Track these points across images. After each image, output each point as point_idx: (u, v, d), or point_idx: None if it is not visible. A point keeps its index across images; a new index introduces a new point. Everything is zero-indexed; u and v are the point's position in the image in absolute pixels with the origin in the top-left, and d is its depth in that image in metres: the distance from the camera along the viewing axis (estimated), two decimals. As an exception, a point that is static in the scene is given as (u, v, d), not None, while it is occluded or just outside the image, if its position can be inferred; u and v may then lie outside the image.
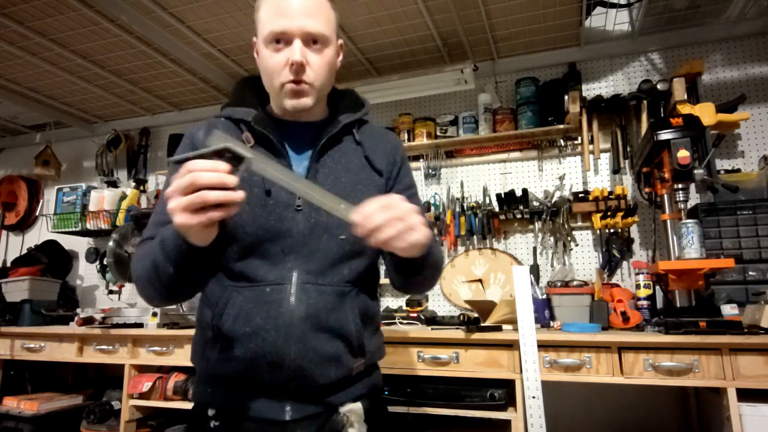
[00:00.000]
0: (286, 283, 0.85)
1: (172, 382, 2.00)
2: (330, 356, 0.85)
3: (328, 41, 0.89)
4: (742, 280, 1.68)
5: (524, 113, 2.31)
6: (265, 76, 0.91)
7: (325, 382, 0.84)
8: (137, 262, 0.85)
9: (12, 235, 3.43)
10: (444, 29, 2.21)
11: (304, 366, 0.82)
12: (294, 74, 0.86)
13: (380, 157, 0.98)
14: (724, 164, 2.09)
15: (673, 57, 2.24)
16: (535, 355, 1.52)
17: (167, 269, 0.76)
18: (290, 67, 0.85)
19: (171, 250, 0.75)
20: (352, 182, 0.93)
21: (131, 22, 2.02)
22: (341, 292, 0.87)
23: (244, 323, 0.83)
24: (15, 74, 2.58)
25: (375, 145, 0.99)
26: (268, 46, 0.87)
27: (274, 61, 0.87)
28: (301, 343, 0.82)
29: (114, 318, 2.20)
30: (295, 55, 0.85)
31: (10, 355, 2.35)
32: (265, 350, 0.82)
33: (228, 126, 0.94)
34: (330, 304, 0.85)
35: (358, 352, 0.89)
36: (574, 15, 2.12)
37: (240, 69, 2.53)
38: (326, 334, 0.85)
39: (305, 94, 0.88)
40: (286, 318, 0.82)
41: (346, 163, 0.95)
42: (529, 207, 2.24)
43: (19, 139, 3.52)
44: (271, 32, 0.86)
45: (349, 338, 0.87)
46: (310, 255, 0.86)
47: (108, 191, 2.91)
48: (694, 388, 1.84)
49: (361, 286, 0.92)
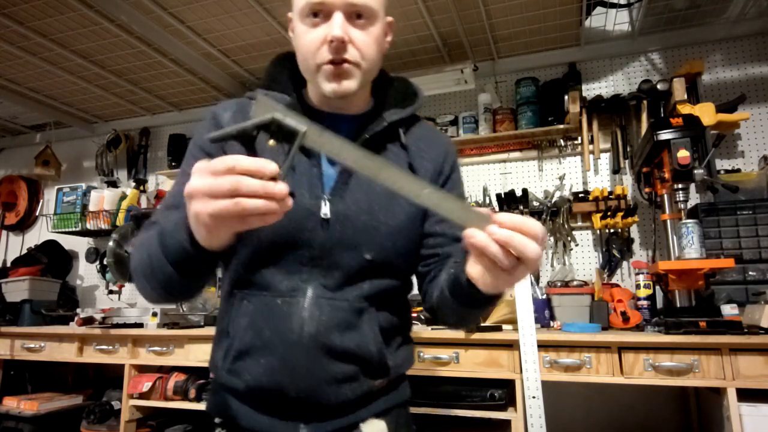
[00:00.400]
0: (299, 296, 0.76)
1: (172, 382, 1.99)
2: (344, 377, 0.76)
3: (375, 16, 0.76)
4: (742, 280, 1.68)
5: (524, 113, 2.31)
6: (300, 56, 0.79)
7: (341, 401, 0.76)
8: (135, 251, 0.75)
9: (12, 235, 3.43)
10: (444, 29, 2.21)
11: (315, 386, 0.75)
12: (333, 52, 0.73)
13: (426, 166, 0.85)
14: (724, 164, 2.09)
15: (673, 57, 2.24)
16: (535, 355, 1.52)
17: (164, 268, 0.66)
18: (329, 44, 0.72)
19: (171, 246, 0.65)
20: (387, 194, 0.79)
21: (131, 22, 2.02)
22: (359, 309, 0.78)
23: (254, 336, 0.76)
24: (15, 74, 2.58)
25: (422, 150, 0.86)
26: (304, 20, 0.75)
27: (310, 37, 0.74)
28: (310, 363, 0.74)
29: (114, 318, 2.20)
30: (334, 30, 0.72)
31: (10, 355, 2.35)
32: (274, 367, 0.75)
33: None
34: (345, 322, 0.76)
35: (380, 373, 0.80)
36: (574, 15, 2.12)
37: (240, 69, 2.53)
38: (339, 355, 0.76)
39: (347, 76, 0.75)
40: (296, 334, 0.74)
41: None
42: (529, 207, 2.24)
43: (19, 139, 3.52)
44: (307, 3, 0.74)
45: (368, 359, 0.78)
46: (329, 269, 0.77)
47: (108, 191, 2.91)
48: (694, 388, 1.84)
49: (384, 301, 0.81)
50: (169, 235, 0.65)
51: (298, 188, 0.76)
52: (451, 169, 0.89)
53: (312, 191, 0.78)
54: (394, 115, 0.83)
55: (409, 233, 0.82)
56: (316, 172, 0.79)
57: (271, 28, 2.15)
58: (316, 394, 0.75)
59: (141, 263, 0.72)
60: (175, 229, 0.64)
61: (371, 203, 0.78)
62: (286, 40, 2.23)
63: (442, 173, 0.88)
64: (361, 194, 0.79)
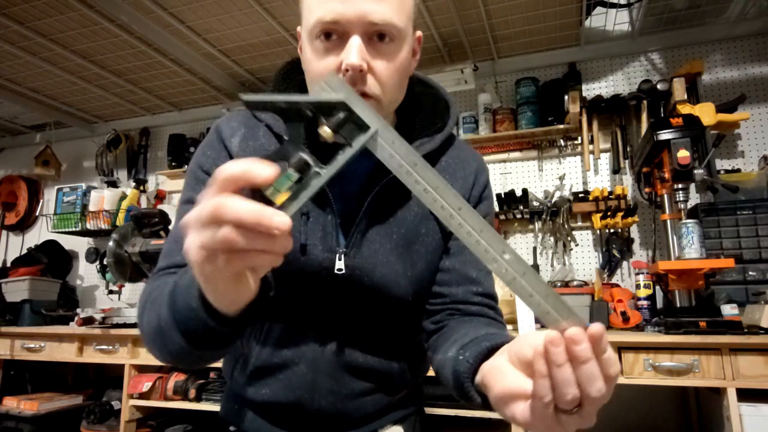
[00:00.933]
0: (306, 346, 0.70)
1: (172, 382, 1.99)
2: (365, 392, 0.72)
3: (401, 36, 0.63)
4: (742, 280, 1.68)
5: (524, 113, 2.31)
6: (310, 81, 0.67)
7: (361, 415, 0.73)
8: (146, 310, 0.60)
9: (12, 235, 3.43)
10: (444, 29, 2.21)
11: (336, 402, 0.71)
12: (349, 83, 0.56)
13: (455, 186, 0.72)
14: (724, 164, 2.09)
15: (673, 57, 2.24)
16: (535, 355, 1.52)
17: (173, 337, 0.52)
18: (344, 73, 0.59)
19: (182, 311, 0.50)
20: (405, 240, 0.71)
21: (131, 22, 2.02)
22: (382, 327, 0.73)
23: (271, 354, 0.71)
24: (15, 74, 2.58)
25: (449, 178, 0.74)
26: (314, 42, 0.62)
27: (322, 65, 0.62)
28: (332, 380, 0.70)
29: (114, 318, 2.20)
30: (350, 57, 0.59)
31: (10, 355, 2.35)
32: (294, 384, 0.70)
33: (268, 138, 0.72)
34: (368, 339, 0.72)
35: (401, 387, 0.77)
36: (574, 15, 2.12)
37: (240, 69, 2.53)
38: (362, 372, 0.71)
39: None
40: (317, 352, 0.70)
41: (402, 214, 0.71)
42: (529, 207, 2.24)
43: (19, 139, 3.52)
44: (318, 21, 0.60)
45: (390, 375, 0.74)
46: (340, 320, 0.71)
47: (108, 191, 2.91)
48: (694, 388, 1.84)
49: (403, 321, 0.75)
50: (180, 294, 0.51)
51: (311, 238, 0.67)
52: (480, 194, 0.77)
53: (326, 242, 0.68)
54: (423, 148, 0.72)
55: (428, 283, 0.74)
56: (330, 220, 0.69)
57: (271, 28, 2.15)
58: (337, 410, 0.71)
59: (150, 328, 0.57)
60: (187, 286, 0.50)
61: (388, 253, 0.69)
62: (286, 40, 2.23)
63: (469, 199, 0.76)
64: (379, 244, 0.69)
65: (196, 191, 0.69)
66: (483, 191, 0.78)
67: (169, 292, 0.53)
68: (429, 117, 0.75)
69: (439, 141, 0.74)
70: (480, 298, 0.73)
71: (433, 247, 0.73)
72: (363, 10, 0.59)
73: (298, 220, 0.67)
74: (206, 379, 1.99)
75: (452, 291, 0.73)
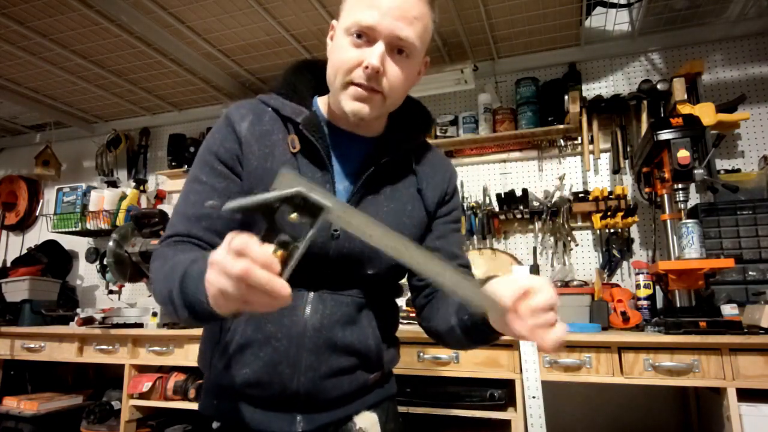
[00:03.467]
0: (303, 289, 0.78)
1: (172, 382, 1.99)
2: (344, 370, 0.79)
3: (415, 54, 0.77)
4: (742, 280, 1.68)
5: (524, 113, 2.31)
6: (332, 67, 0.79)
7: (338, 394, 0.79)
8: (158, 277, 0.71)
9: (12, 235, 3.43)
10: (444, 29, 2.21)
11: (316, 379, 0.76)
12: (366, 79, 0.74)
13: (432, 190, 0.89)
14: (724, 164, 2.09)
15: (673, 57, 2.24)
16: (535, 355, 1.52)
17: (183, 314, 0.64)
18: (364, 69, 0.73)
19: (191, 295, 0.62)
20: (395, 213, 0.84)
21: (131, 22, 2.02)
22: (360, 304, 0.81)
23: (255, 330, 0.77)
24: (15, 74, 2.58)
25: (429, 175, 0.90)
26: (347, 36, 0.75)
27: (347, 55, 0.75)
28: (313, 356, 0.76)
29: (114, 318, 2.20)
30: (372, 59, 0.72)
31: (10, 355, 2.35)
32: (276, 360, 0.76)
33: (274, 120, 0.83)
34: (347, 316, 0.79)
35: (376, 366, 0.84)
36: (574, 15, 2.12)
37: (240, 69, 2.53)
38: (341, 349, 0.78)
39: (371, 103, 0.76)
40: (300, 328, 0.76)
41: (391, 192, 0.85)
42: (529, 207, 2.24)
43: (19, 139, 3.52)
44: (355, 23, 0.73)
45: (367, 354, 0.81)
46: (332, 280, 0.80)
47: (108, 191, 2.91)
48: (694, 388, 1.84)
49: (381, 296, 0.86)
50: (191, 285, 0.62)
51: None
52: (452, 192, 0.94)
53: None
54: (406, 144, 0.86)
55: None
56: (329, 188, 0.80)
57: (271, 28, 2.15)
58: (316, 387, 0.76)
59: (161, 296, 0.69)
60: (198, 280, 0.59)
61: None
62: (286, 40, 2.23)
63: (444, 197, 0.92)
64: (371, 213, 0.80)
65: (203, 172, 0.80)
66: (454, 192, 0.95)
67: (180, 278, 0.64)
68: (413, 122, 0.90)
69: (423, 137, 0.92)
70: (462, 269, 0.87)
71: (418, 222, 0.87)
72: (395, 26, 0.73)
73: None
74: (206, 379, 1.99)
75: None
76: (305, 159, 0.80)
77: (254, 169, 0.79)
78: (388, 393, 0.90)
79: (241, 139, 0.80)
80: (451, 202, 0.93)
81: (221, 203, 0.75)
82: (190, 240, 0.77)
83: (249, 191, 0.78)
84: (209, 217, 0.77)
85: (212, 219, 0.77)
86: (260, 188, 0.78)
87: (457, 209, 0.96)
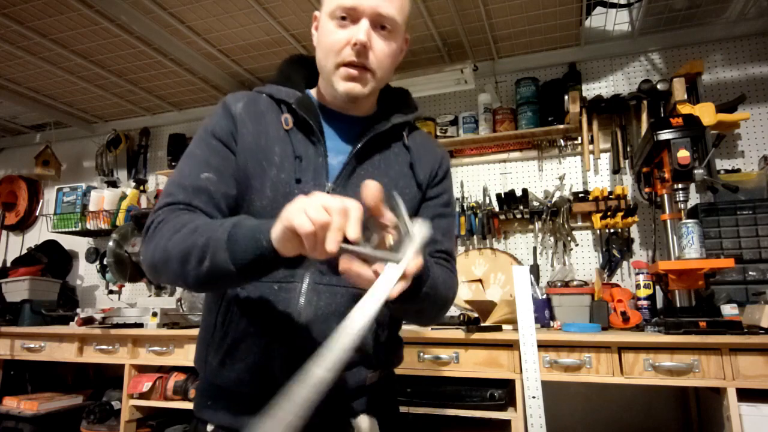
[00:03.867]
0: (297, 281, 0.77)
1: (172, 382, 1.99)
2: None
3: (397, 30, 0.81)
4: (742, 280, 1.68)
5: (524, 113, 2.31)
6: (320, 53, 0.83)
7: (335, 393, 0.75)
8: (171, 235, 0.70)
9: (12, 235, 3.43)
10: (444, 29, 2.21)
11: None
12: (356, 55, 0.77)
13: (423, 168, 0.90)
14: (724, 164, 2.09)
15: (673, 57, 2.24)
16: (535, 355, 1.52)
17: (227, 269, 0.64)
18: (353, 46, 0.77)
19: (244, 253, 0.63)
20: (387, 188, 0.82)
21: (131, 22, 2.02)
22: (356, 295, 0.76)
23: (249, 324, 0.76)
24: (15, 74, 2.58)
25: (422, 154, 0.91)
26: (332, 20, 0.79)
27: (335, 37, 0.78)
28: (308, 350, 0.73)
29: (114, 318, 2.20)
30: (359, 35, 0.76)
31: (10, 355, 2.35)
32: (269, 355, 0.75)
33: (269, 104, 0.87)
34: (343, 307, 0.78)
35: (374, 363, 0.82)
36: (574, 15, 2.12)
37: (240, 69, 2.53)
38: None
39: (362, 81, 0.80)
40: (294, 321, 0.75)
41: (385, 168, 0.86)
42: (529, 207, 2.24)
43: (19, 139, 3.52)
44: (339, 5, 0.78)
45: (363, 348, 0.79)
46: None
47: (108, 191, 2.91)
48: (694, 388, 1.84)
49: None
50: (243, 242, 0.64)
51: (304, 176, 0.80)
52: (444, 173, 0.94)
53: (317, 179, 0.80)
54: (398, 119, 0.88)
55: None
56: (321, 162, 0.82)
57: (271, 28, 2.15)
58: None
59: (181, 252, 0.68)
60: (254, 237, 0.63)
61: None
62: (286, 40, 2.23)
63: (436, 176, 0.92)
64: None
65: (199, 148, 0.83)
66: (445, 175, 0.94)
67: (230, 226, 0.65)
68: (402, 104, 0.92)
69: (411, 118, 0.92)
70: (439, 254, 0.87)
71: (409, 197, 0.87)
72: (377, 3, 0.77)
73: (293, 163, 0.81)
74: (206, 379, 1.99)
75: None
76: (299, 134, 0.83)
77: (248, 144, 0.82)
78: (387, 393, 0.89)
79: (236, 117, 0.84)
80: (441, 184, 0.93)
81: (217, 178, 0.78)
82: (195, 209, 0.76)
83: (243, 166, 0.81)
84: (206, 191, 0.77)
85: (209, 192, 0.77)
86: (253, 164, 0.80)
87: (447, 193, 0.94)
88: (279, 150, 0.81)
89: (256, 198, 0.79)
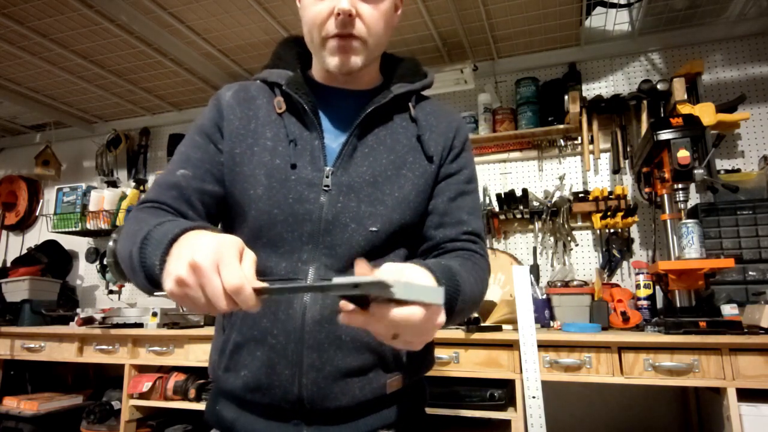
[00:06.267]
0: (300, 278, 0.70)
1: (172, 382, 1.99)
2: (353, 371, 0.69)
3: None
4: (742, 280, 1.68)
5: (524, 113, 2.31)
6: (305, 29, 0.77)
7: (349, 402, 0.69)
8: (123, 236, 0.68)
9: (12, 235, 3.43)
10: (444, 29, 2.21)
11: (320, 381, 0.68)
12: (340, 26, 0.71)
13: (435, 139, 0.81)
14: (724, 164, 2.09)
15: (673, 57, 2.24)
16: (535, 355, 1.52)
17: (139, 278, 0.61)
18: (336, 17, 0.70)
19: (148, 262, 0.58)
20: (394, 165, 0.77)
21: (131, 22, 2.02)
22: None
23: (251, 326, 0.71)
24: (15, 74, 2.58)
25: (433, 124, 0.82)
26: None
27: (316, 9, 0.72)
28: (315, 353, 0.68)
29: (114, 318, 2.20)
30: (341, 3, 0.69)
31: (10, 355, 2.35)
32: (274, 360, 0.69)
33: (261, 89, 0.82)
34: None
35: (393, 366, 0.73)
36: (574, 15, 2.12)
37: (240, 69, 2.53)
38: (347, 344, 0.69)
39: (353, 52, 0.73)
40: (297, 321, 0.69)
41: (391, 143, 0.78)
42: (529, 207, 2.24)
43: (19, 139, 3.52)
44: None
45: (379, 349, 0.71)
46: (331, 246, 0.72)
47: (108, 191, 2.91)
48: (694, 388, 1.84)
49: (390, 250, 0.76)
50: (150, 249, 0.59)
51: (299, 161, 0.75)
52: (462, 144, 0.83)
53: (314, 164, 0.75)
54: (401, 88, 0.80)
55: (416, 205, 0.78)
56: (318, 145, 0.77)
57: (270, 27, 2.15)
58: (322, 392, 0.68)
59: (122, 256, 0.66)
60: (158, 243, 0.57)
61: (376, 175, 0.75)
62: (286, 40, 2.23)
63: (452, 148, 0.82)
64: (366, 166, 0.76)
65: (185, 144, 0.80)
66: (464, 146, 0.84)
67: (140, 241, 0.60)
68: (408, 73, 0.84)
69: (418, 87, 0.83)
70: (467, 236, 0.79)
71: (420, 173, 0.78)
72: None
73: (287, 147, 0.76)
74: (206, 379, 1.99)
75: (446, 233, 0.79)
76: (292, 118, 0.78)
77: (235, 129, 0.78)
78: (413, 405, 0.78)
79: (223, 104, 0.80)
80: (460, 158, 0.83)
81: (192, 173, 0.76)
82: (161, 207, 0.73)
83: (230, 153, 0.77)
84: (178, 186, 0.75)
85: (181, 188, 0.74)
86: (242, 148, 0.77)
87: (468, 168, 0.84)
88: (271, 134, 0.77)
89: (249, 186, 0.75)
